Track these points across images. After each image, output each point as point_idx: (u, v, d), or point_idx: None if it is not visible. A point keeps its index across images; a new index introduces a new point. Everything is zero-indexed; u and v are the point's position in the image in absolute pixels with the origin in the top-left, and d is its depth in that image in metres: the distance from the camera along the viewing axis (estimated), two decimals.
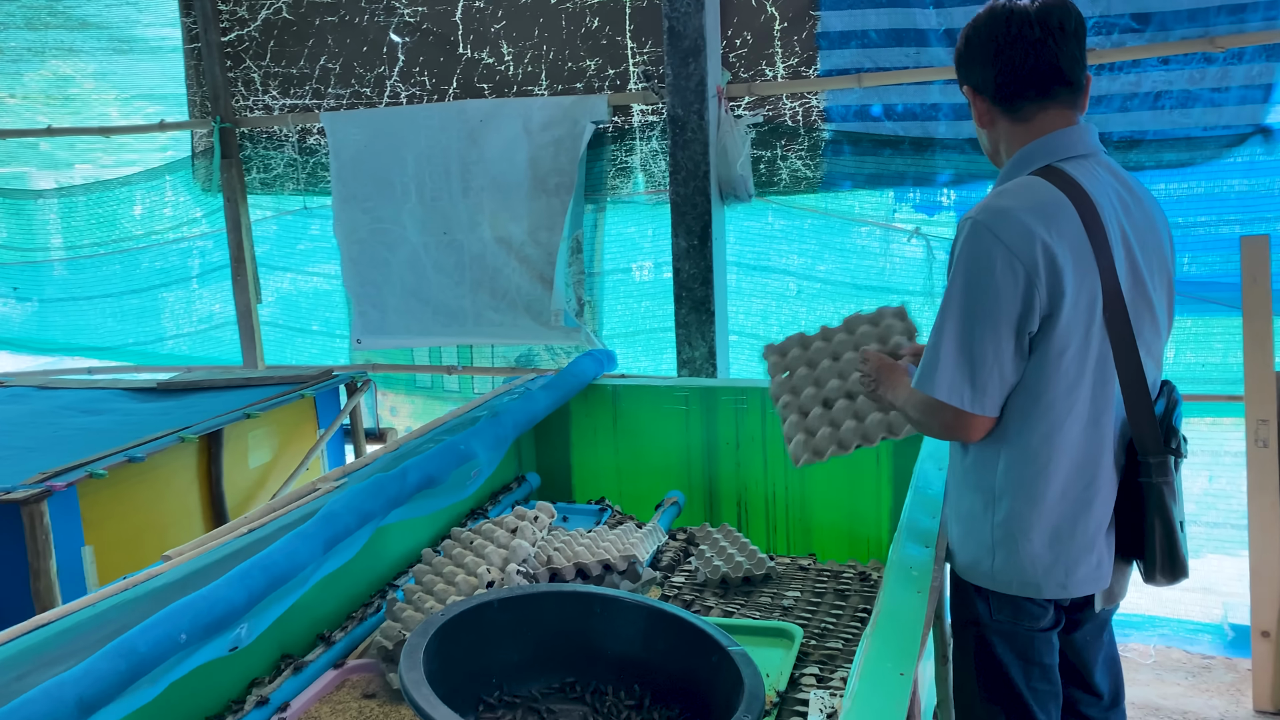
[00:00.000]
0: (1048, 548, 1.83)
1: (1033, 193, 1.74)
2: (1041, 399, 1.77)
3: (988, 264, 1.71)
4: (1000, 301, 1.71)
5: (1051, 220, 1.71)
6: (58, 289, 5.39)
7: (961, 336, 1.74)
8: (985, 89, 1.83)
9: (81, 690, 1.40)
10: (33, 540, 2.61)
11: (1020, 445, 1.81)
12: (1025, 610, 1.89)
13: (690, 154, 3.80)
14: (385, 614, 2.28)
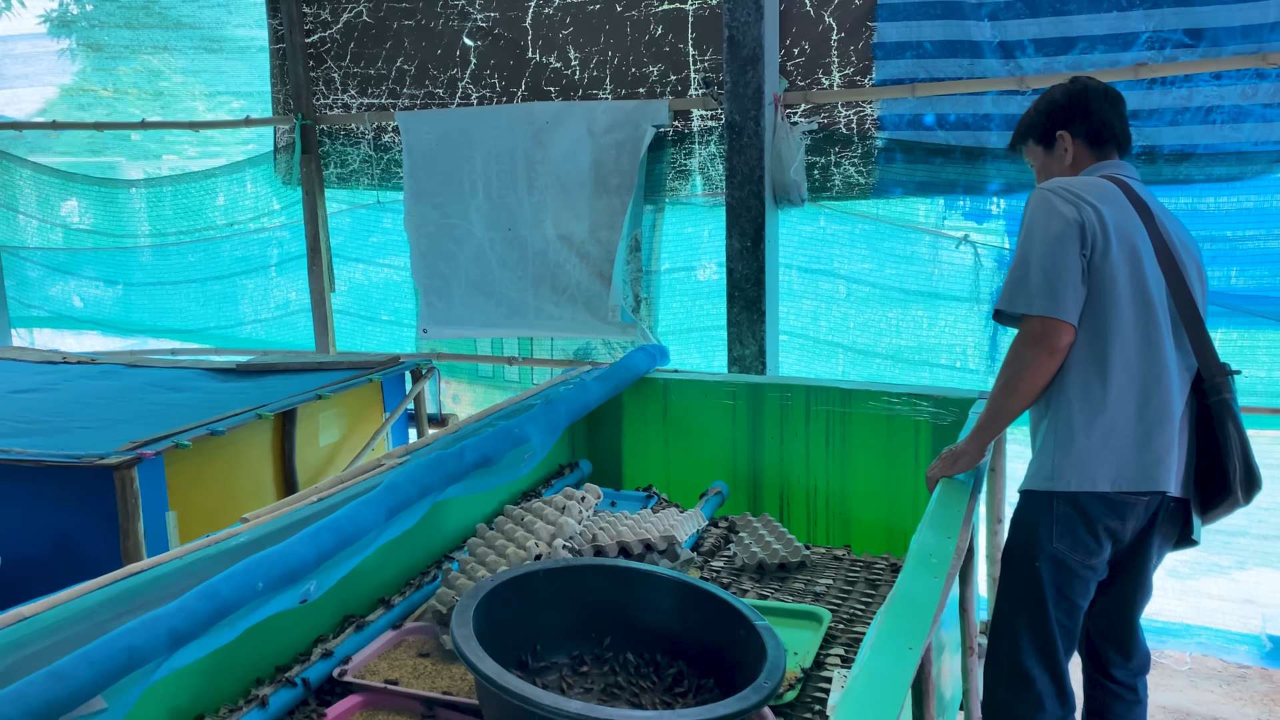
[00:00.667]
0: (1103, 443, 2.17)
1: (1087, 179, 2.30)
2: (1094, 320, 2.17)
3: (1053, 211, 2.19)
4: (1064, 231, 2.16)
5: (1102, 191, 2.24)
6: (145, 274, 5.68)
7: (1036, 262, 2.18)
8: (1086, 135, 2.39)
9: (174, 624, 1.59)
10: (123, 502, 2.83)
11: (1077, 359, 2.19)
12: (1082, 539, 2.22)
13: (746, 159, 3.93)
14: (441, 582, 2.45)
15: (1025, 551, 2.29)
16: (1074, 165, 2.41)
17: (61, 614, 1.76)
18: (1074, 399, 2.20)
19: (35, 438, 3.12)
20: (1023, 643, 2.31)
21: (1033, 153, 2.50)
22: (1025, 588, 2.29)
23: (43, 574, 2.78)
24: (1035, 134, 2.47)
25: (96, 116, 5.72)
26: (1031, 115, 2.49)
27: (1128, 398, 2.18)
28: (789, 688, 2.11)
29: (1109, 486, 2.18)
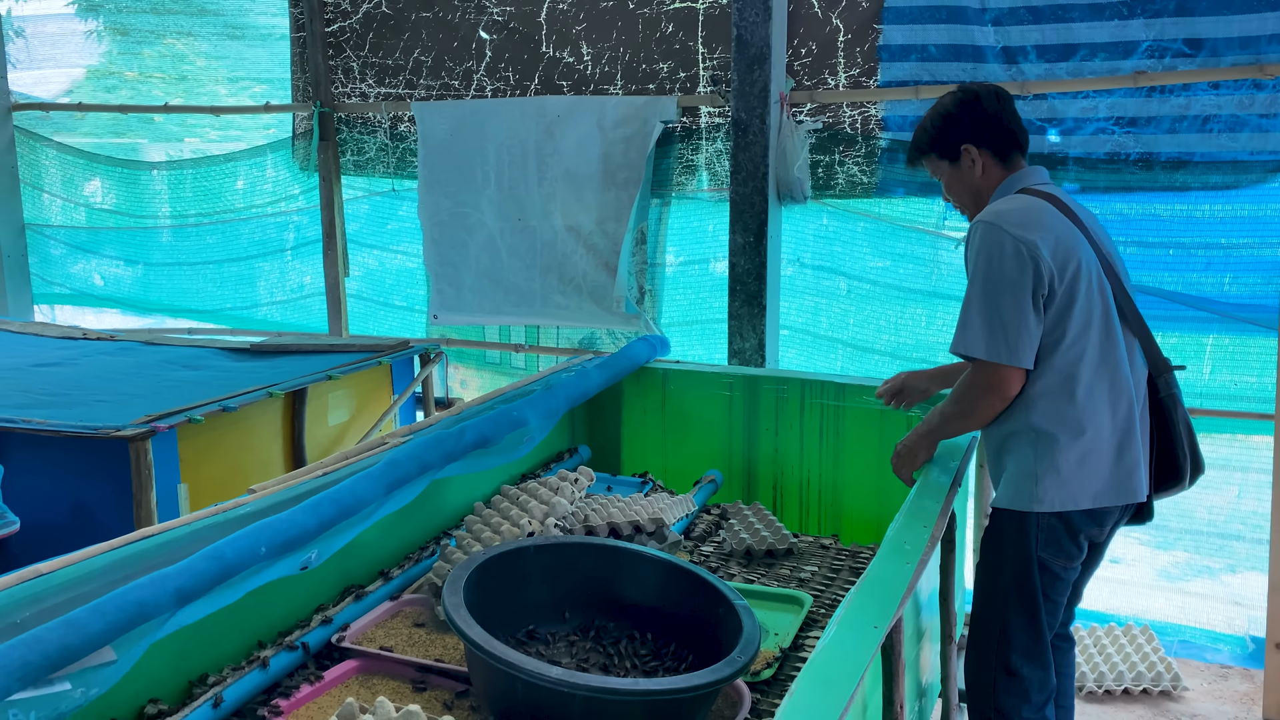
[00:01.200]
0: (1080, 465, 2.25)
1: (1021, 200, 2.32)
2: (1059, 347, 2.24)
3: (1000, 249, 2.22)
4: (1017, 274, 2.20)
5: (1041, 215, 2.27)
6: (164, 254, 5.80)
7: (990, 306, 2.22)
8: (991, 146, 2.40)
9: (180, 583, 1.70)
10: (137, 473, 2.95)
11: (1046, 388, 2.26)
12: (1065, 548, 2.31)
13: (751, 155, 4.01)
14: (439, 557, 2.55)
15: (1009, 560, 2.36)
16: (985, 176, 2.41)
17: (76, 572, 1.87)
18: (1049, 426, 2.26)
19: (55, 409, 3.24)
20: (1013, 643, 2.38)
21: (936, 167, 2.49)
22: (1012, 593, 2.37)
23: (59, 539, 2.88)
24: (938, 148, 2.44)
25: (121, 99, 5.84)
26: (928, 129, 2.45)
27: (1100, 417, 2.27)
28: (766, 666, 2.20)
29: (1090, 504, 2.29)
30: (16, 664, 1.44)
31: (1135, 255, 3.69)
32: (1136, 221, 3.70)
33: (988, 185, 2.41)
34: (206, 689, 1.98)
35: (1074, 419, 2.25)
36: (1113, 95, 3.62)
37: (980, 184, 2.42)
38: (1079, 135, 3.70)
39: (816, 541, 3.02)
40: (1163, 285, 3.65)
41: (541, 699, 1.74)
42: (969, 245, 2.31)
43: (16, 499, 2.75)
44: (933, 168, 2.51)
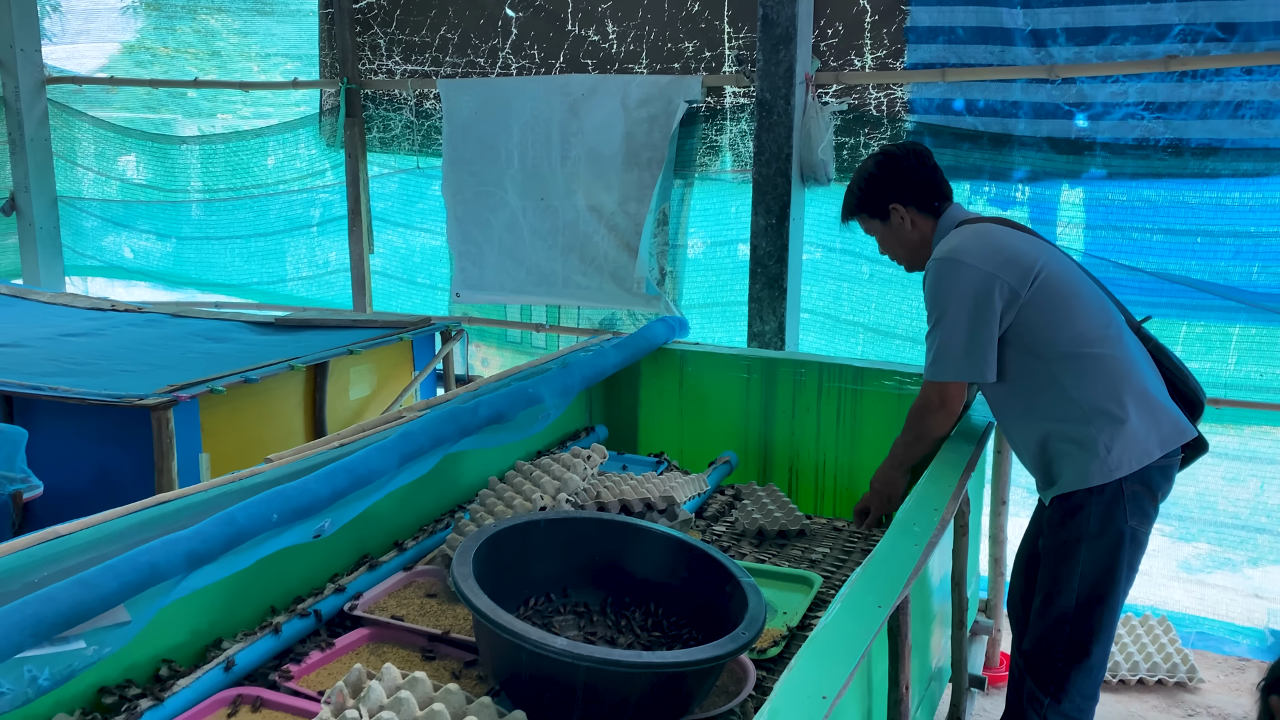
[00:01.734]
0: (1141, 418, 2.36)
1: (966, 232, 2.47)
2: (1067, 332, 2.37)
3: (953, 280, 2.38)
4: (969, 299, 2.36)
5: (988, 237, 2.43)
6: (194, 229, 5.87)
7: (943, 333, 2.40)
8: (917, 202, 2.56)
9: (192, 546, 1.73)
10: (159, 442, 3.00)
11: (1076, 370, 2.36)
12: (1149, 512, 2.40)
13: (775, 137, 3.99)
14: (453, 529, 2.58)
15: (1096, 540, 2.39)
16: (915, 229, 2.57)
17: (94, 534, 1.91)
18: (1092, 396, 2.36)
19: (81, 378, 3.29)
20: (1093, 624, 2.42)
21: (868, 225, 2.65)
22: (1097, 574, 2.40)
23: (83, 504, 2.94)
24: (867, 209, 2.61)
25: (154, 74, 5.90)
26: (855, 192, 2.62)
27: (1128, 374, 2.37)
28: (773, 644, 2.21)
29: (1160, 451, 2.37)
30: (30, 619, 1.48)
31: (1162, 243, 3.65)
32: (1164, 209, 3.65)
33: (920, 237, 2.58)
34: (219, 652, 2.01)
35: (1117, 386, 2.35)
36: (1143, 80, 3.57)
37: (912, 237, 2.58)
38: (1107, 120, 3.65)
39: (830, 524, 3.01)
40: (1189, 273, 3.60)
41: (546, 669, 1.76)
42: (925, 283, 2.48)
43: (42, 464, 2.80)
44: (865, 226, 2.66)
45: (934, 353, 2.44)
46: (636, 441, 3.68)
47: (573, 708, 1.80)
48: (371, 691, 1.74)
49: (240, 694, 1.92)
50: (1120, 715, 3.32)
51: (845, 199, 2.66)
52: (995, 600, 3.44)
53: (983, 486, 3.29)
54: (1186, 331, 3.68)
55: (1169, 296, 3.65)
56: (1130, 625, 3.76)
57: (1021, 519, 2.81)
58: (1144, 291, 3.64)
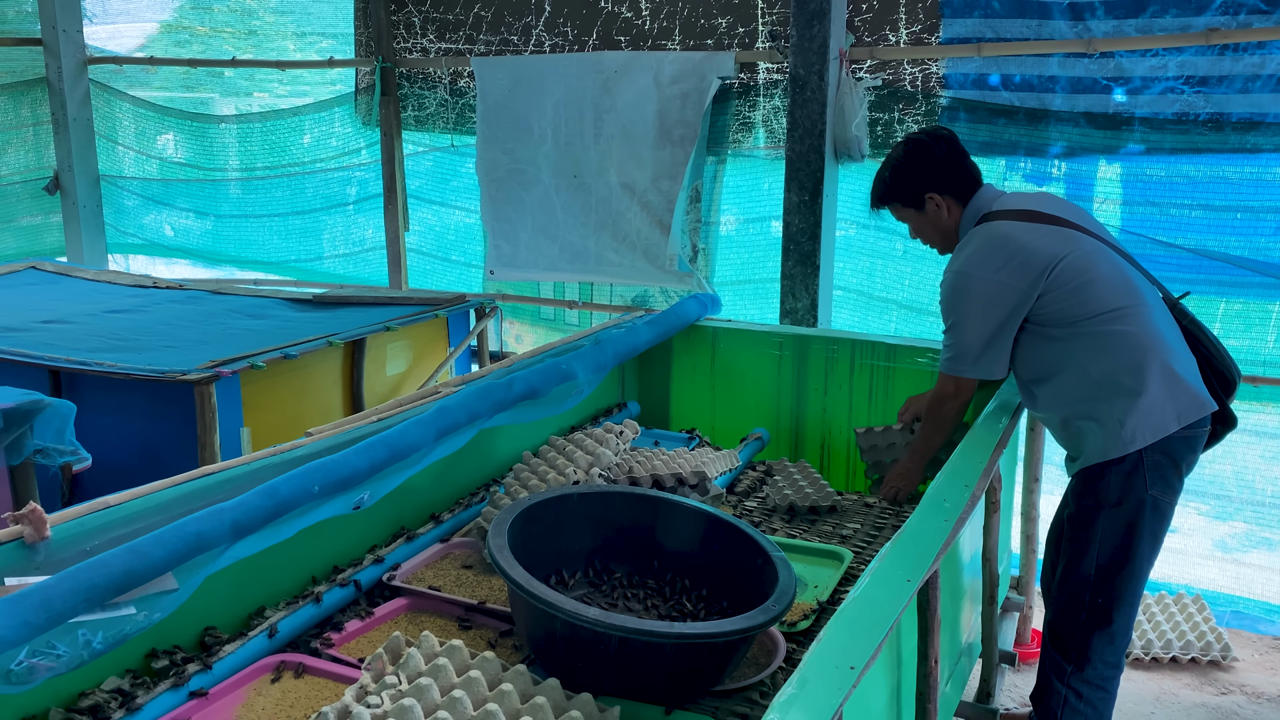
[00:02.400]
0: (1159, 391, 2.38)
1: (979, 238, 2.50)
2: (1081, 314, 2.40)
3: (965, 292, 2.48)
4: (992, 308, 2.44)
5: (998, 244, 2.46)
6: (232, 207, 5.95)
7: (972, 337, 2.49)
8: (952, 191, 2.59)
9: (236, 516, 1.78)
10: (201, 416, 3.07)
11: (1093, 347, 2.41)
12: (1171, 482, 2.42)
13: (808, 113, 3.97)
14: (488, 502, 2.62)
15: (1115, 507, 2.43)
16: (951, 215, 2.61)
17: (142, 505, 1.97)
18: (1112, 371, 2.39)
19: (125, 354, 3.37)
20: (1113, 591, 2.46)
21: (902, 214, 2.68)
22: (1117, 541, 2.44)
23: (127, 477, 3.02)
24: (901, 199, 2.64)
25: (192, 53, 5.96)
26: (888, 182, 2.64)
27: (1149, 353, 2.39)
28: (804, 617, 2.24)
29: (1177, 425, 2.39)
30: (84, 585, 1.53)
31: (1201, 219, 3.60)
32: (1204, 184, 3.60)
33: (955, 222, 2.62)
34: (263, 620, 2.07)
35: (1135, 359, 2.38)
36: (1183, 53, 3.52)
37: (948, 223, 2.62)
38: (1146, 95, 3.60)
39: (861, 500, 3.03)
40: (1229, 250, 3.56)
41: (579, 638, 1.80)
42: (941, 291, 2.57)
43: (88, 437, 2.87)
44: (898, 214, 2.69)
45: (950, 351, 2.55)
46: (668, 418, 3.71)
47: (605, 676, 1.84)
48: (410, 659, 1.79)
49: (283, 660, 1.98)
50: (1153, 693, 3.32)
51: (875, 188, 2.69)
52: (1027, 577, 3.44)
53: (1015, 464, 3.29)
54: (1225, 308, 3.64)
55: (1208, 273, 3.61)
56: (1164, 603, 3.75)
57: (1054, 496, 2.81)
58: (1182, 268, 3.60)
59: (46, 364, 3.26)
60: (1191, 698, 3.29)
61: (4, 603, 1.42)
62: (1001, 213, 2.53)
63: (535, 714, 1.70)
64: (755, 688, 1.97)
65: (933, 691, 2.04)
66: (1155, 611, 3.69)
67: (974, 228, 2.54)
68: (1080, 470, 2.50)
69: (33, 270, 5.02)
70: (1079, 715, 2.53)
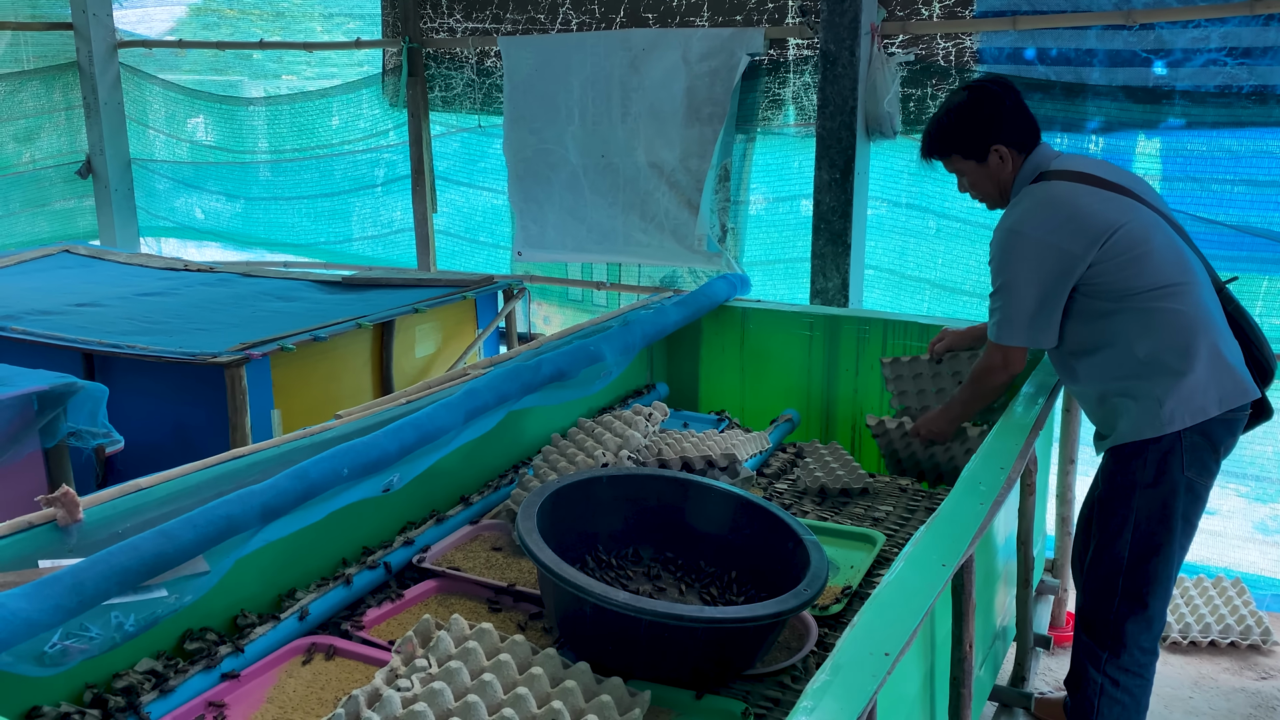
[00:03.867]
0: (1203, 372, 2.31)
1: (1035, 196, 2.39)
2: (1133, 287, 2.32)
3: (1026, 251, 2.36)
4: (1044, 271, 2.34)
5: (1053, 205, 2.35)
6: (262, 189, 5.97)
7: (1022, 301, 2.38)
8: (1017, 143, 2.46)
9: (266, 499, 1.78)
10: (232, 398, 3.08)
11: (1140, 322, 2.32)
12: (1208, 465, 2.36)
13: (839, 89, 3.91)
14: (517, 484, 2.62)
15: (1150, 488, 2.37)
16: (1010, 171, 2.49)
17: (173, 488, 1.98)
18: (1155, 355, 2.32)
19: (157, 336, 3.39)
20: (1148, 575, 2.40)
21: (960, 166, 2.53)
22: (1151, 524, 2.38)
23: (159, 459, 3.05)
24: (963, 150, 2.49)
25: (221, 36, 5.97)
26: (951, 131, 2.50)
27: (1196, 333, 2.32)
28: (835, 601, 2.21)
29: (1218, 409, 2.32)
30: (116, 569, 1.54)
31: (1244, 194, 3.51)
32: (1247, 159, 3.51)
33: (1011, 177, 2.49)
34: (294, 603, 2.08)
35: (1181, 340, 2.31)
36: (1226, 24, 3.42)
37: (1007, 177, 2.49)
38: (1188, 67, 3.51)
39: (894, 482, 2.99)
40: (1272, 226, 3.47)
41: (609, 622, 1.78)
42: (991, 248, 2.45)
43: (121, 419, 2.89)
44: (954, 165, 2.54)
45: (999, 315, 2.44)
46: (697, 399, 3.68)
47: (636, 660, 1.82)
48: (440, 642, 1.79)
49: (314, 643, 1.98)
50: (1191, 677, 3.27)
51: (935, 135, 2.53)
52: (1062, 560, 3.39)
53: (1050, 445, 3.24)
54: (1268, 286, 3.55)
55: (1250, 250, 3.53)
56: (1203, 586, 3.69)
57: (1089, 478, 2.76)
58: (1224, 245, 3.52)
59: (80, 347, 3.28)
60: (1231, 682, 3.24)
61: (36, 586, 1.42)
62: (1060, 172, 2.42)
63: (565, 698, 1.69)
64: (787, 672, 1.95)
65: (967, 676, 2.01)
66: (1194, 595, 3.64)
67: (1029, 185, 2.43)
68: (1113, 448, 2.43)
69: (66, 254, 5.06)
70: (1116, 704, 2.48)
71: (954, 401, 2.74)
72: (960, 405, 2.71)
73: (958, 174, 2.56)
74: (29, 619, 1.38)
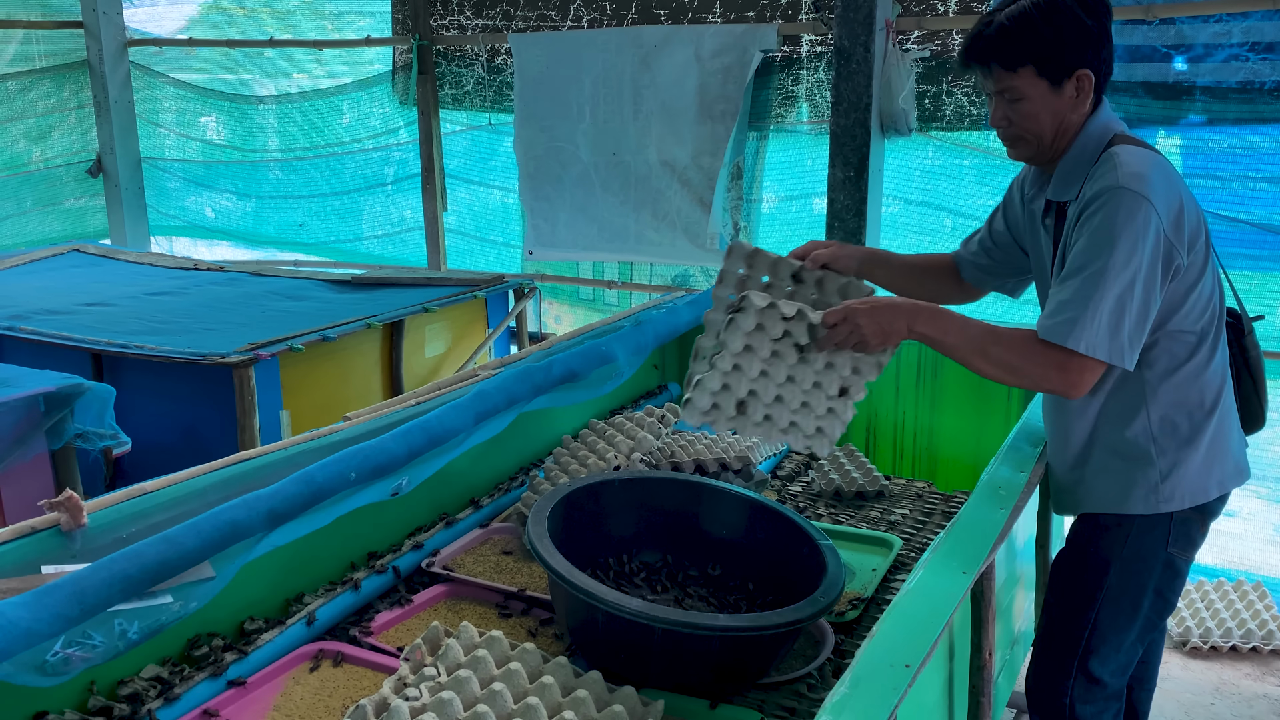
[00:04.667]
0: (1209, 453, 1.97)
1: (1151, 160, 1.83)
2: (1183, 326, 1.90)
3: (1145, 229, 1.76)
4: (1158, 262, 1.79)
5: (1174, 181, 1.85)
6: (272, 188, 5.95)
7: (1121, 296, 1.77)
8: (1102, 76, 1.88)
9: (272, 504, 1.75)
10: (241, 399, 3.05)
11: (1169, 371, 1.93)
12: (1194, 539, 2.04)
13: (853, 86, 3.87)
14: (527, 487, 2.58)
15: (1127, 566, 2.03)
16: (1079, 113, 1.89)
17: (178, 491, 1.95)
18: (1173, 413, 1.96)
19: (166, 336, 3.36)
20: (1108, 657, 2.09)
21: (1024, 85, 1.86)
22: (1121, 604, 2.05)
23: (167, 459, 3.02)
24: (1040, 64, 1.83)
25: (231, 34, 5.96)
26: (1030, 27, 1.81)
27: (1220, 394, 1.99)
28: (851, 607, 2.17)
29: (1216, 493, 2.02)
30: (119, 576, 1.51)
31: (1266, 192, 3.46)
32: (1269, 155, 3.45)
33: (1076, 124, 1.89)
34: (301, 607, 2.04)
35: (1198, 401, 1.95)
36: (1249, 19, 3.37)
37: (1072, 120, 1.89)
38: (1209, 63, 3.45)
39: (909, 485, 2.95)
40: None
41: (622, 630, 1.75)
42: (1096, 211, 1.79)
43: (129, 420, 2.87)
44: (1014, 82, 1.86)
45: (1076, 310, 1.78)
46: None
47: (649, 669, 1.79)
48: (449, 650, 1.75)
49: (322, 648, 1.95)
50: (1212, 683, 3.22)
51: (1007, 35, 1.83)
52: None
53: None
54: None
55: (1272, 248, 3.47)
56: (1223, 590, 3.63)
57: None
58: (1245, 244, 3.46)
59: (88, 347, 3.26)
60: (1253, 688, 3.19)
61: (36, 595, 1.39)
62: (1146, 145, 1.89)
63: (577, 707, 1.66)
64: (803, 680, 1.91)
65: (986, 685, 1.97)
66: (1215, 599, 3.58)
67: (1115, 147, 1.84)
68: (1091, 514, 2.07)
69: (76, 253, 5.05)
70: None
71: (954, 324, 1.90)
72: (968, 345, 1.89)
73: (1009, 96, 1.89)
74: (29, 629, 1.35)
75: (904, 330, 1.90)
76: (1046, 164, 1.97)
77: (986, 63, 1.87)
